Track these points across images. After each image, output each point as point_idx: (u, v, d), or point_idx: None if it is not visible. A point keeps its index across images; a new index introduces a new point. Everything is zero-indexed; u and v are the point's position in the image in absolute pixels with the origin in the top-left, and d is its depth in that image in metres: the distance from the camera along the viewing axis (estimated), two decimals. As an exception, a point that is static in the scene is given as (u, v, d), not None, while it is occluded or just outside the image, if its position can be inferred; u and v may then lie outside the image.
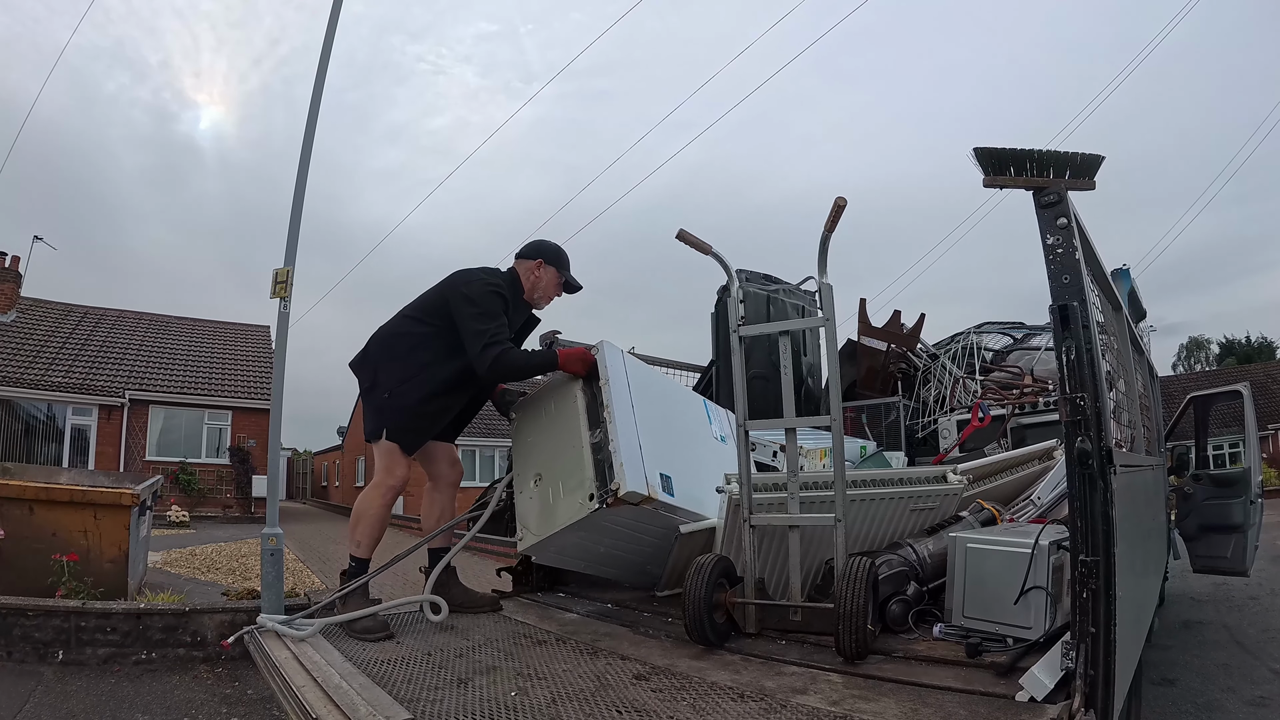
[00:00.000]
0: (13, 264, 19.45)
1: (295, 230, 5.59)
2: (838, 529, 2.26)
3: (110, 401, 17.48)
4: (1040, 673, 1.67)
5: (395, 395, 2.83)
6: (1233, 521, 5.35)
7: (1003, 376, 5.98)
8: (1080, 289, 1.64)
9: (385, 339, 2.93)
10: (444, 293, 2.89)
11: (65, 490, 5.54)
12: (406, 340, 2.89)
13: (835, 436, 2.36)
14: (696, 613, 2.22)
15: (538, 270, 3.05)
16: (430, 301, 2.92)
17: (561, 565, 3.10)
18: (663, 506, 2.73)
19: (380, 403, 2.86)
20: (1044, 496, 3.03)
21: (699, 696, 1.86)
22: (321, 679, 2.05)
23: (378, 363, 2.89)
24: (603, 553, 2.92)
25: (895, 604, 2.31)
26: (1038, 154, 1.74)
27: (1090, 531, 1.57)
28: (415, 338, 2.87)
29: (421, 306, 2.94)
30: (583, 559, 2.96)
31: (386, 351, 2.90)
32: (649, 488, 2.64)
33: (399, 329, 2.92)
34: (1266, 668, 4.63)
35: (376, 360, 2.90)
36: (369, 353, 2.94)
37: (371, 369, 2.90)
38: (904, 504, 2.69)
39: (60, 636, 4.54)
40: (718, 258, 2.63)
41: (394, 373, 2.85)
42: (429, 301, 2.93)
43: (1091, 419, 1.57)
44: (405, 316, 2.95)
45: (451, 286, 2.88)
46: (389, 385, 2.84)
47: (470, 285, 2.86)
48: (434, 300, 2.91)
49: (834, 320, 2.43)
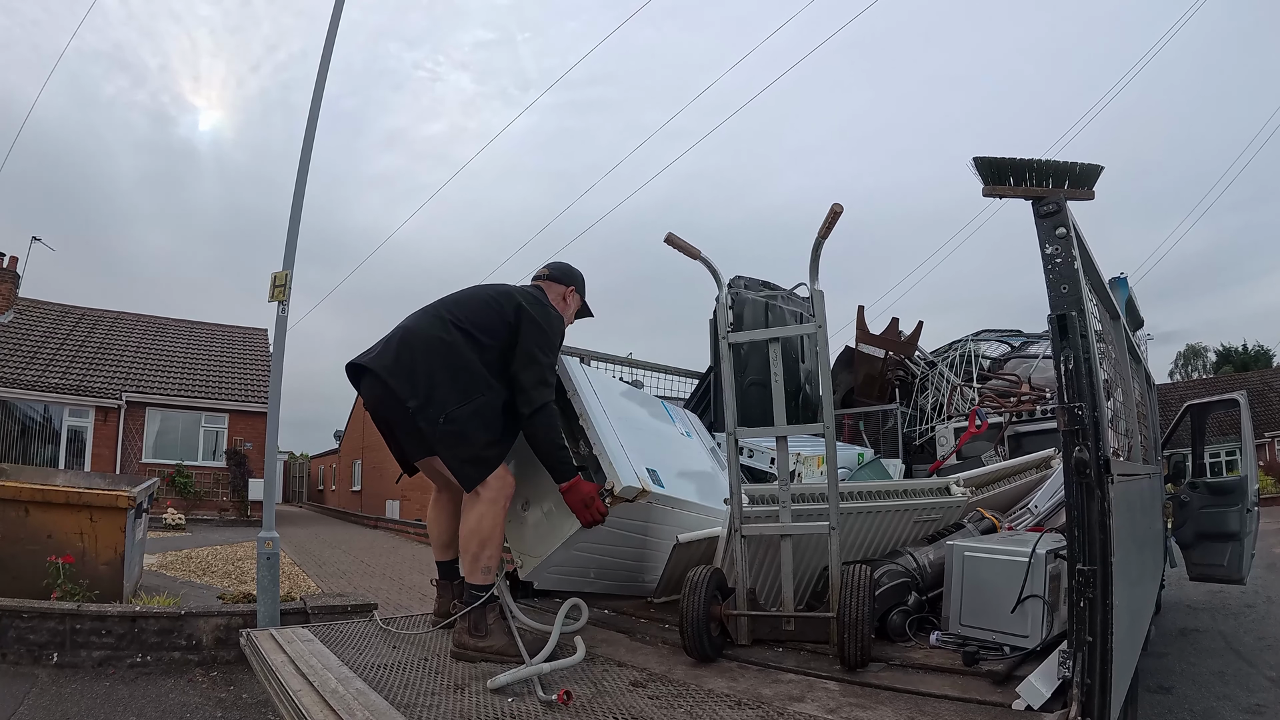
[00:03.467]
0: (10, 264, 19.43)
1: (294, 234, 5.60)
2: (832, 537, 2.25)
3: (107, 403, 17.45)
4: (1037, 681, 1.67)
5: (453, 421, 2.39)
6: (1229, 529, 5.35)
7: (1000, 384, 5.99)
8: (1079, 298, 1.64)
9: (435, 347, 2.48)
10: (502, 309, 2.58)
11: (61, 492, 5.52)
12: (458, 354, 2.47)
13: (828, 444, 2.36)
14: (695, 631, 2.18)
15: (568, 297, 2.88)
16: (486, 314, 2.57)
17: (563, 586, 2.92)
18: (658, 499, 2.74)
19: (434, 428, 2.40)
20: (1041, 505, 3.04)
21: (696, 704, 1.86)
22: (318, 683, 2.04)
23: (431, 377, 2.43)
24: (603, 563, 2.90)
25: (895, 614, 2.30)
26: (1037, 163, 1.74)
27: (1088, 540, 1.57)
28: (473, 353, 2.49)
29: (473, 317, 2.56)
30: (584, 574, 2.92)
31: (442, 364, 2.45)
32: (641, 481, 2.66)
33: (449, 338, 2.49)
34: (1263, 675, 4.63)
35: (429, 373, 2.44)
36: (414, 361, 2.46)
37: (423, 385, 2.42)
38: (907, 516, 2.70)
39: (55, 639, 4.52)
40: (706, 263, 2.61)
41: (451, 393, 2.42)
42: (483, 313, 2.57)
43: (1089, 428, 1.58)
44: (456, 327, 2.52)
45: (519, 308, 2.57)
46: (447, 408, 2.40)
47: (543, 310, 2.61)
48: (492, 314, 2.57)
49: (825, 327, 2.40)
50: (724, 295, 2.59)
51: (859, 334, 6.63)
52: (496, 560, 2.47)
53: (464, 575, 2.52)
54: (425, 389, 2.41)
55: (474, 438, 2.42)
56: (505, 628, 2.46)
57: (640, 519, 2.78)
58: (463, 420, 2.40)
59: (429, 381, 2.42)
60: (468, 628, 2.39)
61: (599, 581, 3.01)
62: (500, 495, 2.46)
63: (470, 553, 2.45)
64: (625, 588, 3.10)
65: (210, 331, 23.10)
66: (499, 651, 2.32)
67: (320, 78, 5.89)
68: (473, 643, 2.36)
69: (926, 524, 2.68)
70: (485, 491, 2.43)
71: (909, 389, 6.53)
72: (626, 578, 3.05)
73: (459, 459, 2.43)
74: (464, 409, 2.41)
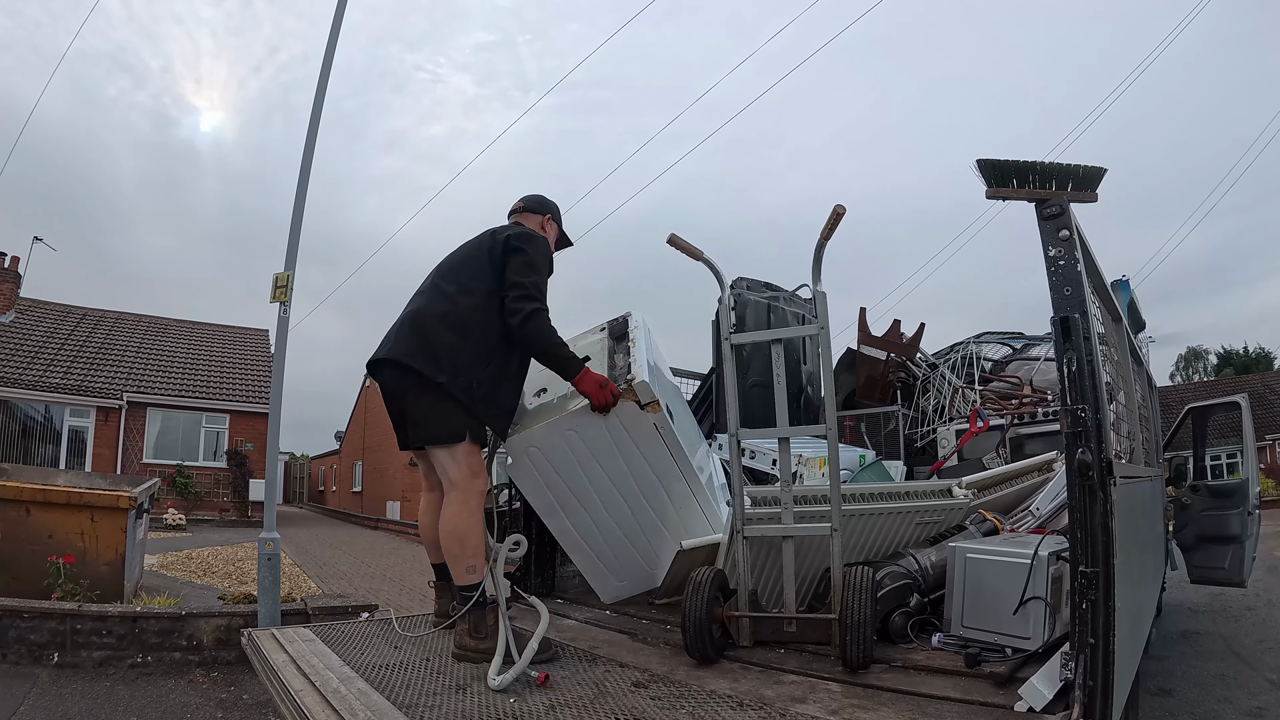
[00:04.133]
0: (12, 264, 19.44)
1: (295, 235, 5.61)
2: (834, 539, 2.25)
3: (108, 403, 17.46)
4: (1039, 683, 1.67)
5: (484, 384, 2.44)
6: (1230, 532, 5.35)
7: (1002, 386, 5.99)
8: (1082, 301, 1.64)
9: (446, 317, 2.49)
10: (489, 251, 2.57)
11: (62, 492, 5.52)
12: (468, 317, 2.49)
13: (830, 445, 2.36)
14: (698, 633, 2.19)
15: (545, 226, 2.85)
16: (477, 266, 2.57)
17: (536, 483, 2.77)
18: (664, 428, 2.67)
19: (470, 395, 2.41)
20: (1043, 507, 3.04)
21: (698, 705, 1.86)
22: (320, 683, 2.04)
23: (448, 348, 2.44)
24: (589, 473, 2.74)
25: (898, 615, 2.30)
26: (1040, 166, 1.74)
27: (1090, 542, 1.57)
28: (479, 312, 2.50)
29: (468, 275, 2.57)
30: (565, 475, 2.74)
31: (454, 334, 2.46)
32: (656, 398, 2.62)
33: (451, 305, 2.51)
34: (1263, 678, 4.62)
35: (443, 345, 2.44)
36: (422, 339, 2.46)
37: (446, 357, 2.42)
38: (910, 519, 2.70)
39: (56, 639, 4.52)
40: (709, 263, 2.61)
41: (473, 358, 2.44)
42: (474, 267, 2.57)
43: (1092, 430, 1.58)
44: (454, 292, 2.54)
45: (493, 238, 2.59)
46: (476, 374, 2.43)
47: (519, 236, 2.58)
48: (479, 264, 2.56)
49: (828, 329, 2.40)
50: (726, 296, 2.59)
51: (861, 336, 6.63)
52: (480, 558, 2.46)
53: (454, 579, 2.49)
54: (449, 361, 2.43)
55: (505, 395, 2.56)
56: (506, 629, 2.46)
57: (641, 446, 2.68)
58: (489, 381, 2.48)
59: (451, 355, 2.44)
60: (468, 629, 2.39)
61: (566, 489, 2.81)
62: (472, 490, 2.45)
63: (452, 554, 2.44)
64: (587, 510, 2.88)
65: (211, 332, 23.11)
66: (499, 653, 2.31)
67: (322, 79, 5.90)
68: (473, 644, 2.36)
69: (929, 526, 2.68)
70: (458, 488, 2.44)
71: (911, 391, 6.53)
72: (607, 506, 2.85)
73: (496, 415, 2.54)
74: (489, 369, 2.48)
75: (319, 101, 5.86)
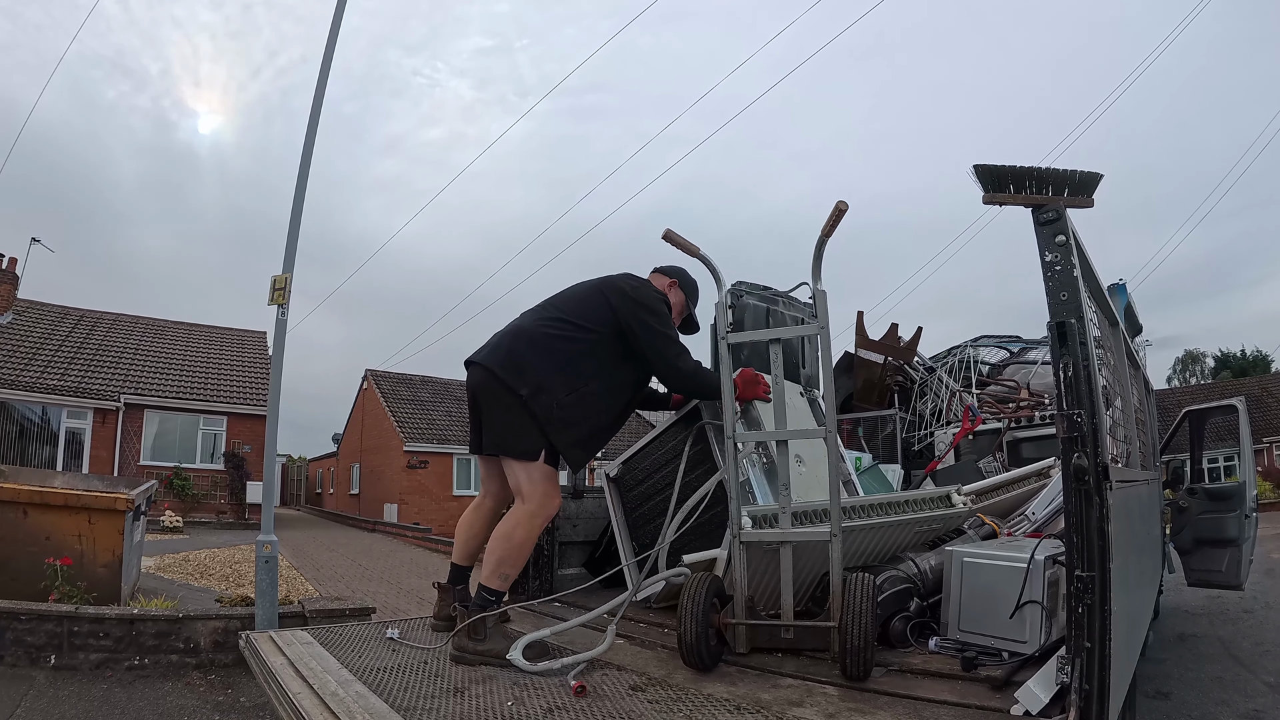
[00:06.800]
0: (10, 265, 19.39)
1: (294, 237, 5.61)
2: (833, 544, 2.23)
3: (105, 405, 17.41)
4: (1036, 687, 1.67)
5: (565, 408, 2.51)
6: (1227, 535, 5.36)
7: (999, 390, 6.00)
8: (1078, 306, 1.65)
9: (538, 340, 2.59)
10: (606, 296, 2.65)
11: (60, 494, 5.51)
12: (566, 345, 2.58)
13: (830, 448, 2.36)
14: (695, 641, 2.17)
15: (670, 290, 2.89)
16: (588, 305, 2.65)
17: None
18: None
19: (549, 415, 2.49)
20: (1038, 512, 3.05)
21: (695, 709, 1.86)
22: (318, 686, 2.04)
23: (537, 367, 2.53)
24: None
25: (897, 620, 2.30)
26: (1037, 171, 1.75)
27: (1086, 546, 1.57)
28: (578, 344, 2.59)
29: (578, 309, 2.65)
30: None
31: (546, 356, 2.55)
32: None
33: (554, 330, 2.61)
34: (1261, 681, 4.63)
35: (534, 364, 2.54)
36: (517, 353, 2.57)
37: (532, 374, 2.52)
38: (909, 528, 2.69)
39: (53, 641, 4.51)
40: (705, 260, 2.58)
41: (560, 382, 2.53)
42: (586, 304, 2.66)
43: (1089, 435, 1.58)
44: (559, 319, 2.63)
45: (617, 291, 2.65)
46: (557, 395, 2.51)
47: (639, 291, 2.66)
48: (593, 304, 2.65)
49: (828, 328, 2.37)
50: (724, 295, 2.58)
51: (858, 339, 6.65)
52: (517, 572, 2.55)
53: (481, 578, 2.53)
54: (535, 380, 2.52)
55: (582, 423, 2.57)
56: (505, 631, 2.47)
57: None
58: (571, 407, 2.53)
59: (538, 373, 2.53)
60: (469, 630, 2.39)
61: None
62: (542, 510, 2.54)
63: (495, 555, 2.50)
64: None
65: (209, 334, 23.07)
66: (498, 655, 2.31)
67: (321, 83, 5.91)
68: (472, 645, 2.37)
69: (927, 532, 2.69)
70: (529, 503, 2.51)
71: (908, 394, 6.55)
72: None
73: (567, 443, 2.55)
74: (571, 396, 2.54)
75: (317, 104, 5.87)
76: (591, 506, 3.84)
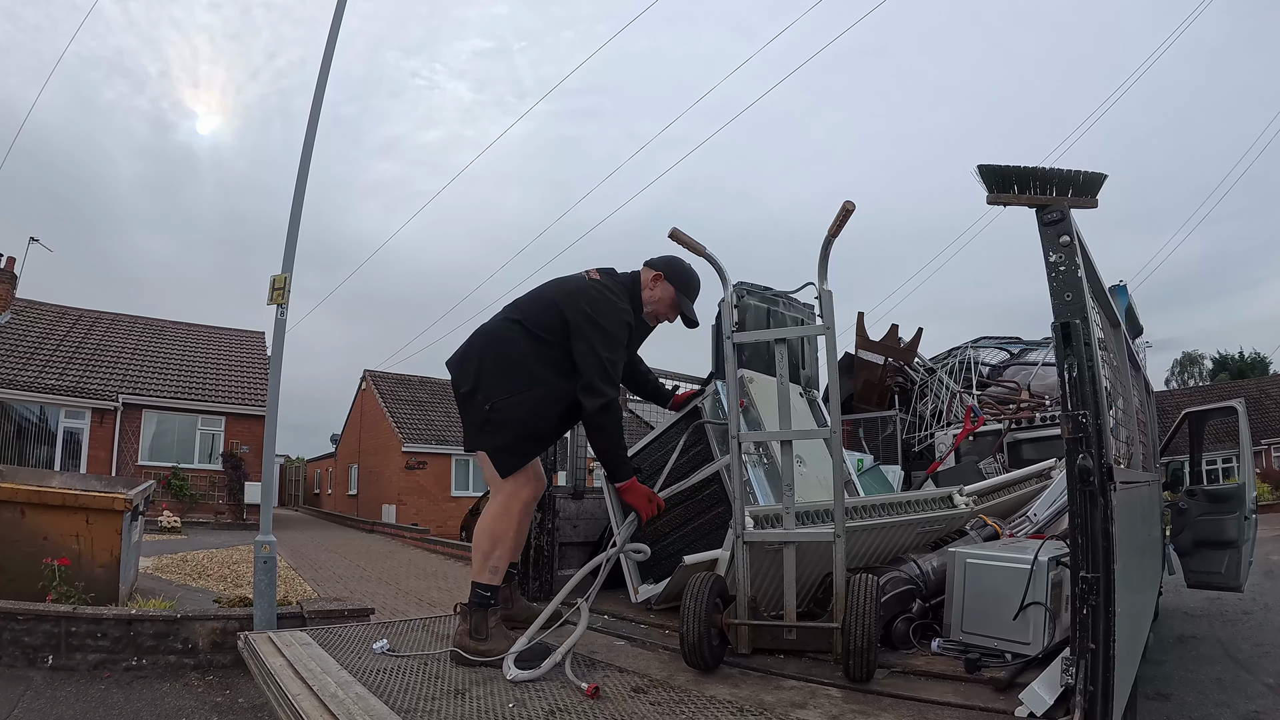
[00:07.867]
0: (8, 265, 19.35)
1: (293, 238, 5.60)
2: (837, 544, 2.22)
3: (103, 405, 17.37)
4: (1040, 688, 1.67)
5: (498, 410, 2.52)
6: (1227, 537, 5.36)
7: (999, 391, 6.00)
8: (1083, 307, 1.64)
9: (493, 340, 2.62)
10: (562, 308, 2.59)
11: (57, 494, 5.49)
12: (515, 347, 2.58)
13: (834, 448, 2.35)
14: (696, 641, 2.16)
15: (654, 283, 2.83)
16: (546, 314, 2.62)
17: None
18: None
19: (481, 415, 2.55)
20: (1040, 513, 3.04)
21: (697, 710, 1.85)
22: (317, 687, 2.03)
23: (481, 366, 2.58)
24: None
25: (900, 622, 2.30)
26: (1041, 172, 1.74)
27: (1091, 548, 1.57)
28: (526, 347, 2.57)
29: (536, 317, 2.63)
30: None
31: (494, 357, 2.59)
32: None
33: (507, 333, 2.62)
34: (1260, 682, 4.62)
35: (480, 362, 2.59)
36: (471, 352, 2.64)
37: (473, 372, 2.58)
38: (911, 529, 2.69)
39: (50, 641, 4.49)
40: (711, 259, 2.59)
41: (499, 383, 2.55)
42: (544, 313, 2.62)
43: (1093, 436, 1.58)
44: (516, 322, 2.63)
45: (575, 305, 2.58)
46: (492, 396, 2.53)
47: (597, 306, 2.58)
48: (551, 314, 2.61)
49: (834, 329, 2.37)
50: (729, 293, 2.57)
51: (859, 340, 6.65)
52: (506, 562, 2.52)
53: (471, 575, 2.53)
54: (474, 377, 2.57)
55: (513, 427, 2.53)
56: (505, 632, 2.46)
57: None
58: (506, 410, 2.52)
59: (479, 371, 2.57)
60: (469, 630, 2.38)
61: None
62: (514, 500, 2.53)
63: (481, 550, 2.51)
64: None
65: (207, 334, 23.03)
66: (500, 655, 2.30)
67: (320, 84, 5.90)
68: (473, 645, 2.36)
69: (930, 533, 2.68)
70: (505, 488, 2.53)
71: (908, 395, 6.54)
72: None
73: (495, 445, 2.54)
74: (509, 399, 2.53)
75: (316, 106, 5.86)
76: (591, 507, 3.83)
